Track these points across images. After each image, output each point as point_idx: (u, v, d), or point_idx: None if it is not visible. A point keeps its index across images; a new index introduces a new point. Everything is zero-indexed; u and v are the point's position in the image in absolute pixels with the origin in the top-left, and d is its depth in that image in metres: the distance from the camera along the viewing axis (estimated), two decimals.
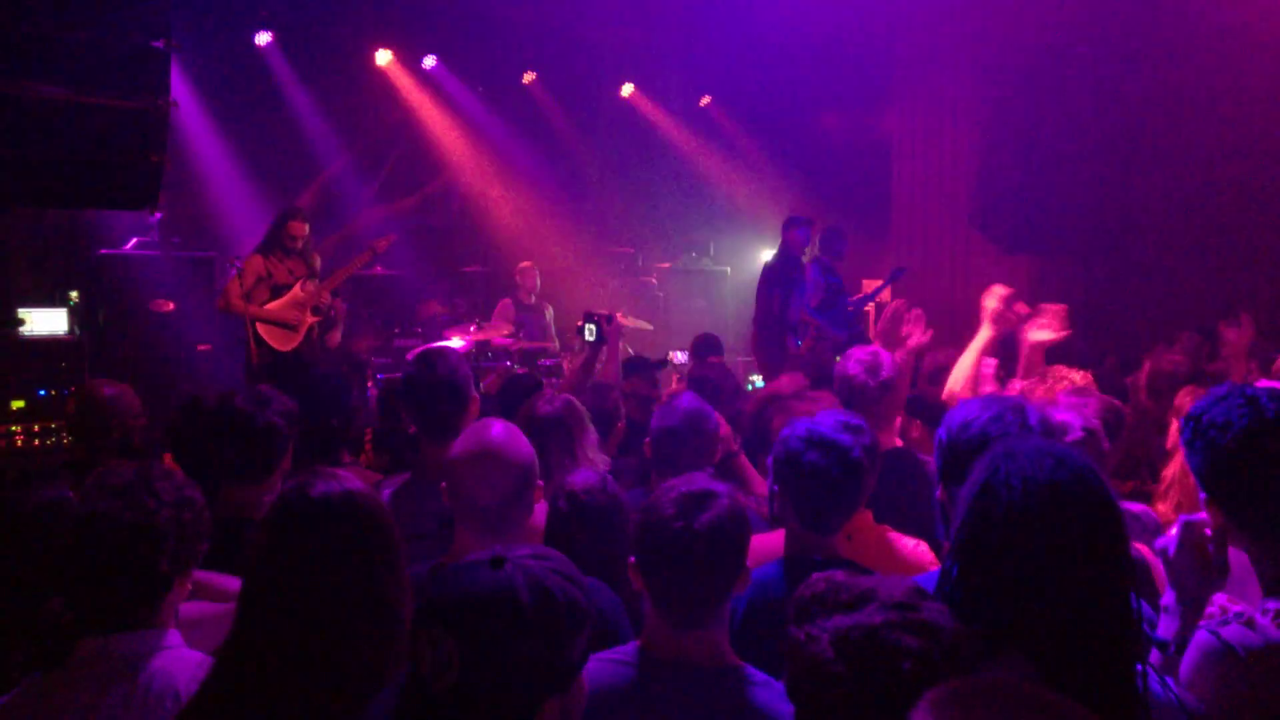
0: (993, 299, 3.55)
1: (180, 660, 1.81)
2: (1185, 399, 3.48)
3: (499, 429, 2.17)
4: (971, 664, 1.30)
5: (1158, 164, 7.44)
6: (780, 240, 7.51)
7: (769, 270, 7.50)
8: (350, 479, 1.69)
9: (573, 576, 1.38)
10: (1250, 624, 1.71)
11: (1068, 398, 3.41)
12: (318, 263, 6.65)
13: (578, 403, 3.11)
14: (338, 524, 1.61)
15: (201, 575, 2.03)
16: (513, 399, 3.93)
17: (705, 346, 5.94)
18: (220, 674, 1.60)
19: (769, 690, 1.80)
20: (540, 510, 2.47)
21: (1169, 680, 1.62)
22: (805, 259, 7.53)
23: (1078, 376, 3.77)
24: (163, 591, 1.83)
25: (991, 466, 1.57)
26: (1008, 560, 1.51)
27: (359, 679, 1.55)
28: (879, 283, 8.38)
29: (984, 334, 3.50)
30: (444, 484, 2.14)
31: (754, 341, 7.51)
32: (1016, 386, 4.32)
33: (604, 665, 1.83)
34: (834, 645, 1.28)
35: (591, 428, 3.14)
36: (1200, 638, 1.71)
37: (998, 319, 3.52)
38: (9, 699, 1.81)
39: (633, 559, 1.87)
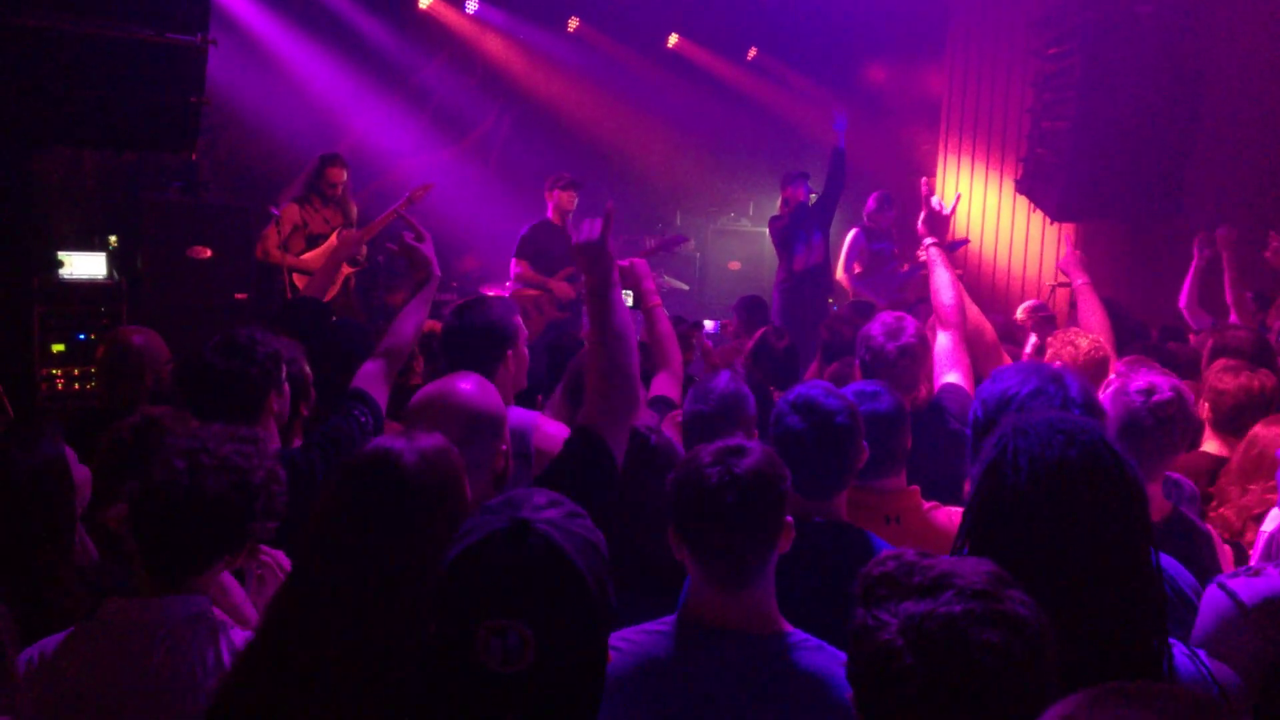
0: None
1: (214, 629, 1.78)
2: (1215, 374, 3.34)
3: (469, 381, 2.14)
4: (1055, 660, 1.19)
5: (1214, 126, 7.17)
6: (780, 197, 7.50)
7: (782, 227, 7.45)
8: (424, 440, 1.66)
9: (580, 511, 1.35)
10: (1256, 574, 1.70)
11: (1128, 367, 3.30)
12: (355, 212, 6.62)
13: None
14: (412, 487, 1.59)
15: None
16: (559, 355, 3.90)
17: (753, 310, 5.70)
18: (271, 628, 1.57)
19: (821, 654, 1.75)
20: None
21: (1200, 654, 1.57)
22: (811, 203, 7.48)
23: (1084, 342, 3.67)
24: (226, 553, 1.83)
25: (1000, 445, 1.51)
26: (1019, 543, 1.45)
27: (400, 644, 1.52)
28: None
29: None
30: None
31: (777, 300, 7.42)
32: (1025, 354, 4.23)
33: (643, 636, 1.79)
34: (904, 634, 1.16)
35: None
36: (1210, 592, 1.71)
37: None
38: (40, 660, 1.77)
39: (671, 526, 1.82)
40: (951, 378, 3.23)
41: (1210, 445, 3.18)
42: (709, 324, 6.76)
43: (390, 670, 1.50)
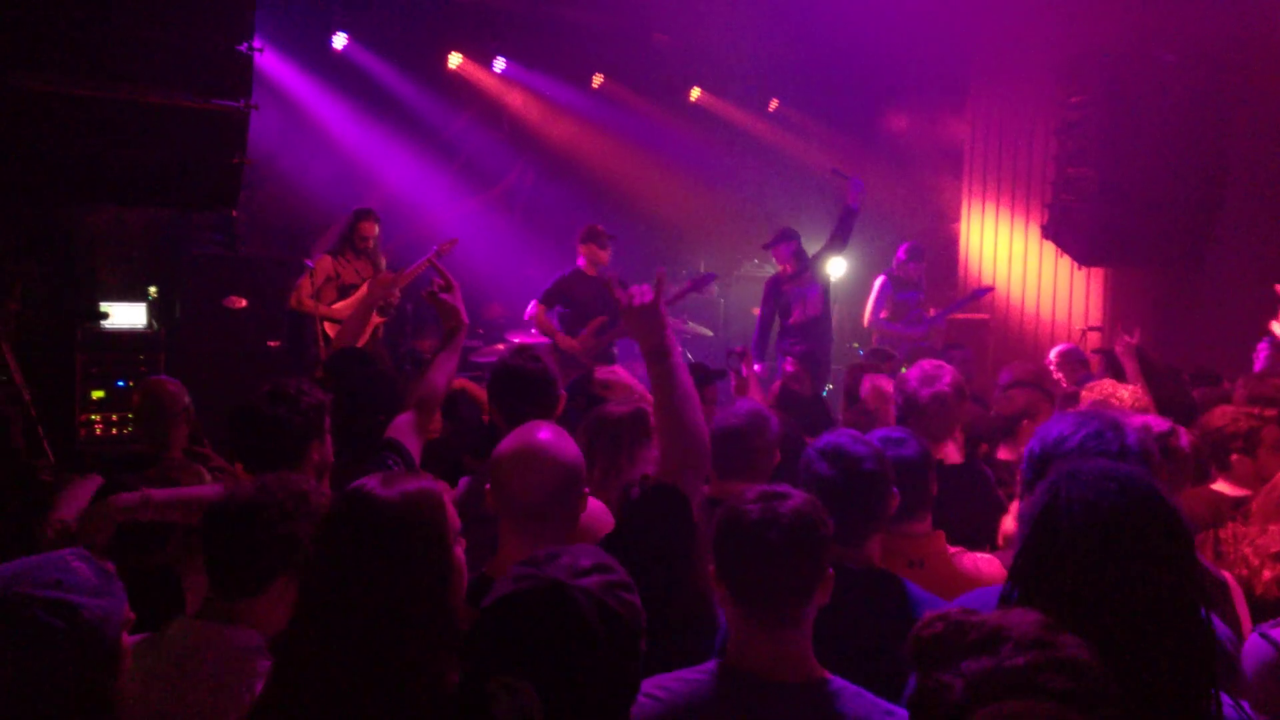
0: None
1: (259, 664, 1.84)
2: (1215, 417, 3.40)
3: (547, 430, 2.17)
4: (1117, 698, 1.19)
5: (1243, 173, 7.18)
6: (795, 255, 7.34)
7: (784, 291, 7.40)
8: (403, 481, 1.68)
9: (625, 582, 1.35)
10: None
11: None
12: (384, 265, 6.79)
13: (648, 412, 3.13)
14: (387, 527, 1.60)
15: None
16: (577, 398, 3.96)
17: (811, 361, 5.54)
18: (282, 666, 1.60)
19: (860, 701, 1.75)
20: (595, 509, 2.51)
21: (1245, 705, 1.56)
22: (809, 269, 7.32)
23: (1125, 394, 3.66)
24: (280, 574, 1.92)
25: (1053, 490, 1.51)
26: (1071, 587, 1.45)
27: (409, 671, 1.53)
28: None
29: None
30: (488, 485, 2.14)
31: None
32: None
33: (679, 684, 1.78)
34: (972, 692, 1.15)
35: (653, 440, 3.15)
36: (1253, 642, 1.70)
37: None
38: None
39: (711, 567, 1.83)
40: None
41: (1219, 485, 3.28)
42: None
43: (393, 708, 1.51)
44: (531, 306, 6.75)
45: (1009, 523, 2.90)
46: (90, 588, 1.57)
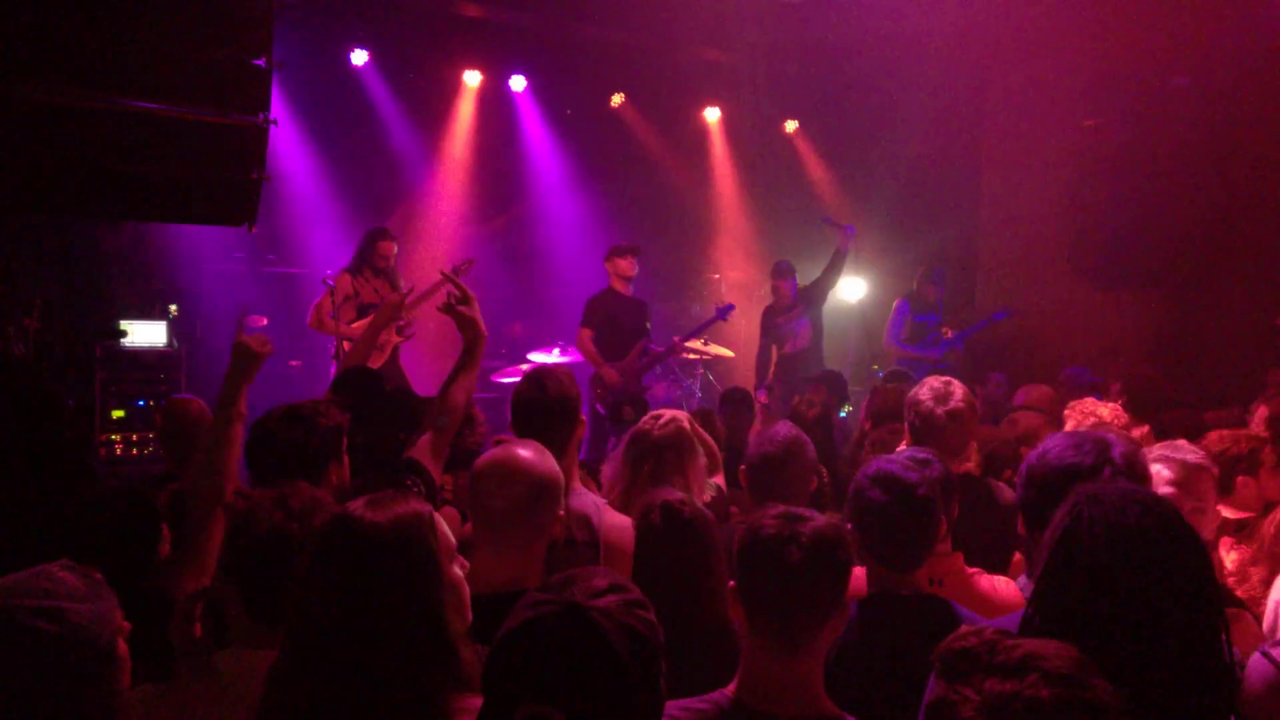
0: None
1: None
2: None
3: (529, 448, 2.20)
4: None
5: (1258, 197, 7.14)
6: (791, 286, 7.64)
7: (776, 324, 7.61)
8: (392, 505, 1.66)
9: (640, 600, 1.35)
10: None
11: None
12: (403, 284, 6.82)
13: (687, 428, 3.12)
14: (376, 551, 1.59)
15: None
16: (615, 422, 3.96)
17: (834, 385, 5.60)
18: (273, 685, 1.60)
19: None
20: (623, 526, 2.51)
21: None
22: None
23: (1105, 411, 3.62)
24: None
25: (1074, 512, 1.51)
26: (1092, 609, 1.45)
27: (401, 692, 1.54)
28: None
29: None
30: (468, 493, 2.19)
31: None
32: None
33: (688, 713, 1.76)
34: (986, 713, 1.13)
35: (701, 454, 3.15)
36: (1254, 661, 1.68)
37: None
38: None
39: (732, 583, 1.83)
40: None
41: (1221, 508, 3.20)
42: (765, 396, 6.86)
43: None
44: (580, 333, 7.02)
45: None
46: (78, 594, 1.62)
